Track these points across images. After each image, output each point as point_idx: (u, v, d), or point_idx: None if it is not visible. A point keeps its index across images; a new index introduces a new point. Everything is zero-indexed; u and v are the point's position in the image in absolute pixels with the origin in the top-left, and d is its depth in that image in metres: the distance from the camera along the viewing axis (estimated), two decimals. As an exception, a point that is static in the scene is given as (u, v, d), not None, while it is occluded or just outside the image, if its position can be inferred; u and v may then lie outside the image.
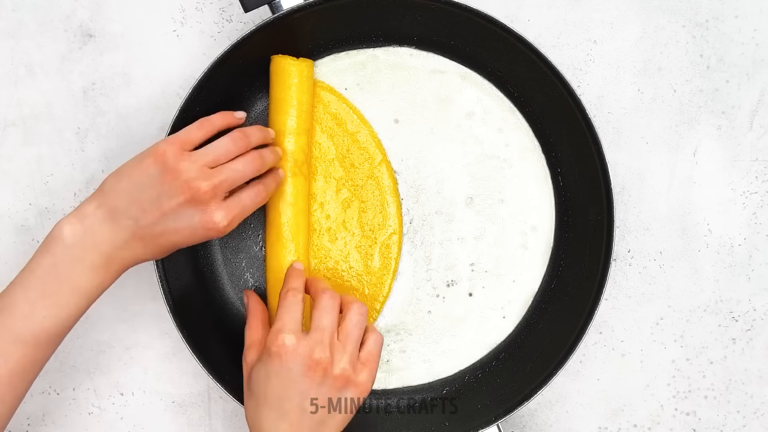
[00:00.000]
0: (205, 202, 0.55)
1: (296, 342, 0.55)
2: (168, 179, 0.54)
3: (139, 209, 0.54)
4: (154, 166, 0.54)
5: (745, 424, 0.70)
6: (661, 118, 0.69)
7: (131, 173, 0.55)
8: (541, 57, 0.62)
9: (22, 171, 0.68)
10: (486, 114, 0.67)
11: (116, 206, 0.54)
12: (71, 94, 0.68)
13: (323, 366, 0.55)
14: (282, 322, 0.56)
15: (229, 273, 0.67)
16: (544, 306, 0.67)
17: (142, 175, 0.54)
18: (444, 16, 0.63)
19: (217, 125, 0.59)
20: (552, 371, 0.62)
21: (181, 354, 0.68)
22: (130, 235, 0.54)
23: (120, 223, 0.54)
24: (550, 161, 0.67)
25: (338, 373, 0.55)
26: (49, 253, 0.54)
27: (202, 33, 0.69)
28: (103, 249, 0.54)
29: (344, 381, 0.55)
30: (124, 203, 0.54)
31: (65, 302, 0.54)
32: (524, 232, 0.67)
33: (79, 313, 0.55)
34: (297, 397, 0.54)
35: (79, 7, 0.68)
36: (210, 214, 0.55)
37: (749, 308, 0.70)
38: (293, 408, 0.54)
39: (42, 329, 0.53)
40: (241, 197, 0.57)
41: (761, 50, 0.69)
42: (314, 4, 0.62)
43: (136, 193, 0.54)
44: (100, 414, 0.68)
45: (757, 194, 0.70)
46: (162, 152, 0.55)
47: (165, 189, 0.54)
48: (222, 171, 0.56)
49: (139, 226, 0.54)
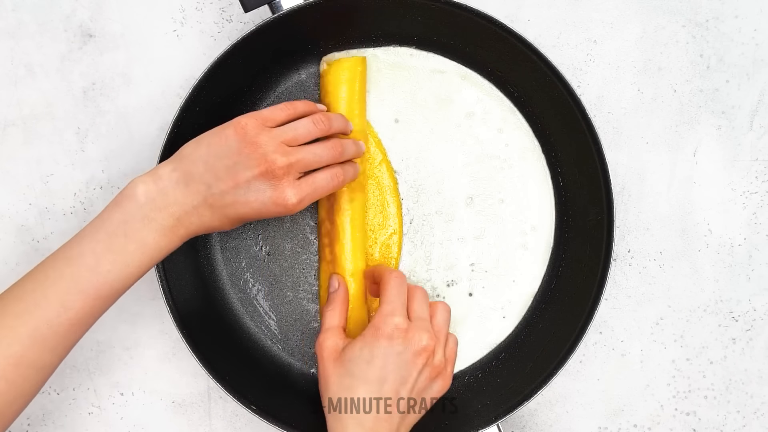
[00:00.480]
0: (279, 178, 0.55)
1: (407, 326, 0.57)
2: (246, 151, 0.55)
3: (213, 176, 0.55)
4: (233, 136, 0.55)
5: (745, 424, 0.70)
6: (661, 118, 0.69)
7: (210, 142, 0.55)
8: (541, 57, 0.62)
9: (22, 171, 0.68)
10: (486, 114, 0.67)
11: (191, 171, 0.55)
12: (71, 94, 0.68)
13: (428, 353, 0.57)
14: (393, 305, 0.58)
15: (229, 273, 0.67)
16: (544, 306, 0.67)
17: (221, 144, 0.55)
18: (444, 16, 0.63)
19: (300, 110, 0.59)
20: (552, 371, 0.62)
21: (181, 354, 0.68)
22: (201, 200, 0.55)
23: (193, 187, 0.55)
24: (550, 161, 0.67)
25: (436, 363, 0.58)
26: (120, 209, 0.54)
27: (202, 33, 0.69)
28: (173, 211, 0.55)
29: (438, 372, 0.58)
30: (200, 169, 0.55)
31: (130, 259, 0.54)
32: (524, 232, 0.67)
33: (141, 272, 0.55)
34: (397, 381, 0.56)
35: (79, 7, 0.68)
36: (282, 190, 0.55)
37: (749, 308, 0.70)
38: (391, 392, 0.56)
39: (105, 282, 0.53)
40: (316, 178, 0.58)
41: (761, 50, 0.69)
42: (314, 4, 0.62)
43: (213, 160, 0.55)
44: (100, 414, 0.68)
45: (757, 194, 0.70)
46: (243, 125, 0.55)
47: (241, 160, 0.55)
48: (300, 150, 0.57)
49: (210, 193, 0.55)
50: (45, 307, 0.52)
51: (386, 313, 0.57)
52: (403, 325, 0.57)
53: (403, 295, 0.59)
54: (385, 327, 0.57)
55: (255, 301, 0.67)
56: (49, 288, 0.53)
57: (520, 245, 0.67)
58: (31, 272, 0.54)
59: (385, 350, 0.56)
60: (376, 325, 0.57)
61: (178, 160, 0.56)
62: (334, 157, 0.59)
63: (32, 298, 0.53)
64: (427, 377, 0.57)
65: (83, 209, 0.68)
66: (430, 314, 0.59)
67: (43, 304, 0.52)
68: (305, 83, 0.67)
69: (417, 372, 0.56)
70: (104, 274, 0.53)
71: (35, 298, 0.53)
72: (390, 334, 0.56)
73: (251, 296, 0.67)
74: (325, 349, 0.59)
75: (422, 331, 0.57)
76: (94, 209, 0.68)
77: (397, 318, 0.57)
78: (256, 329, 0.67)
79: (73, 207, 0.68)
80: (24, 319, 0.52)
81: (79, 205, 0.68)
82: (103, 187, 0.68)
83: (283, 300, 0.67)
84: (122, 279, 0.54)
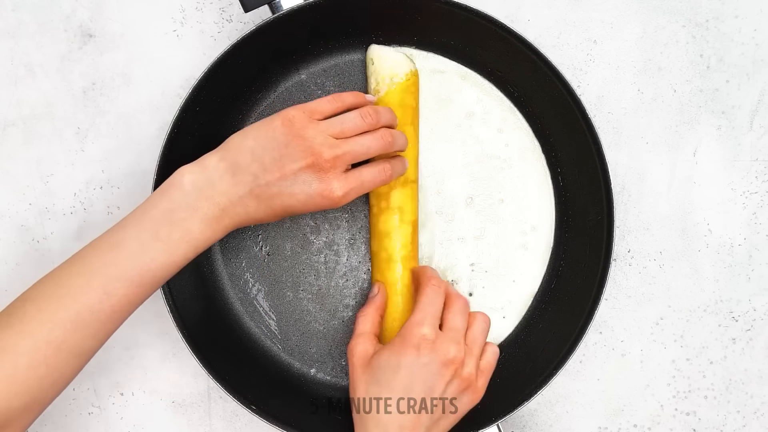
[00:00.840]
0: (326, 170, 0.55)
1: (435, 336, 0.57)
2: (293, 143, 0.55)
3: (260, 167, 0.55)
4: (281, 128, 0.55)
5: (745, 424, 0.70)
6: (661, 118, 0.69)
7: (257, 134, 0.55)
8: (541, 57, 0.62)
9: (22, 171, 0.68)
10: (486, 114, 0.67)
11: (238, 162, 0.55)
12: (71, 94, 0.68)
13: (456, 365, 0.56)
14: (423, 314, 0.58)
15: (229, 273, 0.67)
16: (544, 306, 0.67)
17: (268, 136, 0.55)
18: (444, 16, 0.63)
19: (347, 102, 0.59)
20: (552, 371, 0.62)
21: (181, 354, 0.68)
22: (247, 191, 0.55)
23: (239, 177, 0.55)
24: (550, 161, 0.67)
25: (465, 375, 0.57)
26: (166, 197, 0.54)
27: (202, 33, 0.69)
28: (219, 201, 0.55)
29: (467, 384, 0.57)
30: (247, 160, 0.55)
31: (175, 248, 0.54)
32: (524, 232, 0.67)
33: (184, 261, 0.55)
34: (424, 392, 0.56)
35: (79, 7, 0.68)
36: (328, 182, 0.55)
37: (749, 308, 0.70)
38: (417, 402, 0.56)
39: (149, 270, 0.53)
40: (362, 172, 0.58)
41: (761, 50, 0.69)
42: (314, 4, 0.62)
43: (260, 152, 0.55)
44: (100, 414, 0.68)
45: (757, 194, 0.70)
46: (291, 117, 0.55)
47: (288, 152, 0.55)
48: (347, 142, 0.56)
49: (257, 184, 0.55)
50: (88, 293, 0.52)
51: (415, 322, 0.57)
52: (430, 335, 0.57)
53: (436, 304, 0.59)
54: (411, 337, 0.57)
55: (255, 301, 0.67)
56: (92, 274, 0.53)
57: (520, 245, 0.67)
58: (74, 258, 0.54)
59: (411, 360, 0.56)
60: (403, 334, 0.57)
61: (224, 150, 0.56)
62: (384, 147, 0.58)
63: (75, 283, 0.52)
64: (456, 389, 0.57)
65: (83, 209, 0.68)
66: (468, 325, 0.59)
67: (86, 290, 0.52)
68: (305, 83, 0.67)
69: (444, 383, 0.56)
70: (148, 262, 0.53)
71: (78, 283, 0.52)
72: (417, 344, 0.56)
73: (251, 296, 0.67)
74: (354, 355, 0.59)
75: (451, 342, 0.57)
76: (94, 209, 0.68)
77: (425, 328, 0.57)
78: (256, 329, 0.67)
79: (73, 207, 0.68)
80: (66, 305, 0.52)
81: (79, 205, 0.68)
82: (103, 187, 0.68)
83: (283, 300, 0.67)
84: (165, 267, 0.54)
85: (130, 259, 0.53)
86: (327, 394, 0.67)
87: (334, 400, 0.66)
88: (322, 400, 0.66)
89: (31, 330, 0.51)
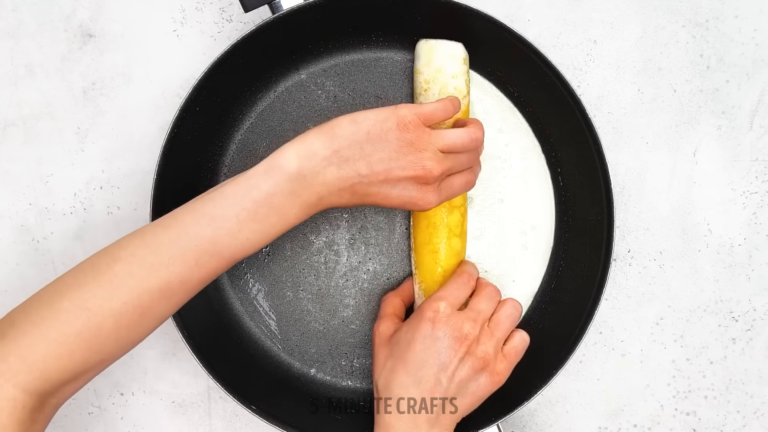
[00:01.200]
0: (429, 183, 0.56)
1: (451, 312, 0.58)
2: (404, 150, 0.54)
3: (366, 165, 0.54)
4: (396, 131, 0.54)
5: (745, 424, 0.70)
6: (661, 118, 0.69)
7: (370, 129, 0.54)
8: (541, 57, 0.62)
9: (22, 171, 0.68)
10: (486, 114, 0.67)
11: (345, 155, 0.54)
12: (71, 94, 0.68)
13: (469, 342, 0.57)
14: (447, 291, 0.59)
15: (229, 273, 0.67)
16: (544, 306, 0.67)
17: (380, 137, 0.54)
18: (444, 15, 0.63)
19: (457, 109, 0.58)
20: (552, 371, 0.62)
21: (181, 354, 0.68)
22: (348, 185, 0.55)
23: (344, 171, 0.54)
24: (550, 161, 0.67)
25: (480, 355, 0.57)
26: (270, 179, 0.53)
27: (202, 33, 0.69)
28: (319, 190, 0.54)
29: (483, 364, 0.57)
30: (355, 155, 0.54)
31: (269, 230, 0.54)
32: (524, 231, 0.67)
33: (270, 241, 0.55)
34: (436, 366, 0.56)
35: (79, 7, 0.68)
36: (426, 193, 0.56)
37: (749, 308, 0.70)
38: (429, 377, 0.56)
39: (242, 249, 0.53)
40: (454, 184, 0.58)
41: (761, 50, 0.69)
42: (314, 4, 0.62)
43: (369, 150, 0.54)
44: (100, 414, 0.68)
45: (757, 194, 0.70)
46: (407, 122, 0.55)
47: (398, 157, 0.54)
48: (453, 159, 0.57)
49: (359, 181, 0.54)
50: (180, 264, 0.52)
51: (435, 298, 0.59)
52: (445, 309, 0.57)
53: (463, 288, 0.60)
54: (428, 311, 0.58)
55: (255, 301, 0.67)
56: (187, 245, 0.52)
57: (520, 245, 0.67)
58: (169, 220, 0.54)
59: (425, 334, 0.57)
60: (421, 308, 0.59)
61: (331, 137, 0.54)
62: (472, 164, 0.59)
63: (168, 252, 0.52)
64: (471, 368, 0.57)
65: (83, 209, 0.68)
66: (495, 310, 0.60)
67: (180, 260, 0.52)
68: (305, 83, 0.67)
69: (458, 359, 0.57)
70: (243, 242, 0.53)
71: (172, 252, 0.52)
72: (432, 317, 0.57)
73: (251, 296, 0.67)
74: (377, 335, 0.61)
75: (467, 320, 0.57)
76: (94, 209, 0.68)
77: (443, 303, 0.58)
78: (256, 329, 0.67)
79: (73, 207, 0.68)
80: (158, 273, 0.52)
81: (79, 205, 0.68)
82: (103, 187, 0.68)
83: (283, 300, 0.67)
84: (255, 246, 0.54)
85: (227, 237, 0.53)
86: (327, 394, 0.67)
87: (334, 400, 0.66)
88: (322, 400, 0.66)
89: (121, 295, 0.51)
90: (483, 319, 0.59)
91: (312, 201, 0.54)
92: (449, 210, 0.63)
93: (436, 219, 0.63)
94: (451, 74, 0.63)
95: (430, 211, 0.63)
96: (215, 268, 0.54)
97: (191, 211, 0.53)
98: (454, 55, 0.63)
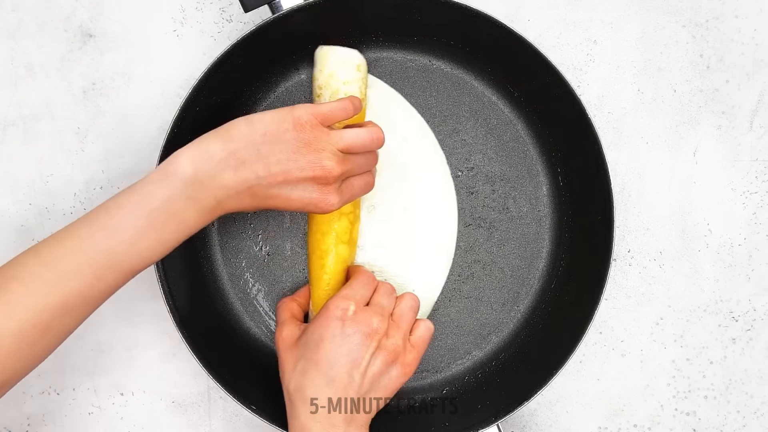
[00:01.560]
0: (328, 184, 0.55)
1: (357, 309, 0.57)
2: (302, 150, 0.54)
3: (264, 167, 0.54)
4: (293, 132, 0.54)
5: (745, 424, 0.70)
6: (661, 118, 0.69)
7: (266, 130, 0.54)
8: (541, 57, 0.62)
9: (22, 171, 0.68)
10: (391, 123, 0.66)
11: (242, 157, 0.53)
12: (71, 94, 0.68)
13: (379, 336, 0.57)
14: (352, 290, 0.59)
15: (229, 273, 0.67)
16: (544, 306, 0.67)
17: (278, 138, 0.54)
18: (444, 16, 0.63)
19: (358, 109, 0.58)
20: (552, 371, 0.62)
21: (181, 354, 0.68)
22: (247, 188, 0.54)
23: (242, 174, 0.53)
24: (550, 161, 0.67)
25: (391, 348, 0.57)
26: (165, 185, 0.52)
27: (202, 33, 0.69)
28: (217, 194, 0.53)
29: (394, 356, 0.57)
30: (252, 157, 0.53)
31: (169, 237, 0.53)
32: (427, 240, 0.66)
33: (171, 249, 0.54)
34: (348, 364, 0.56)
35: (79, 7, 0.68)
36: (327, 194, 0.55)
37: (749, 308, 0.70)
38: (342, 375, 0.55)
39: (142, 259, 0.53)
40: (354, 185, 0.58)
41: (761, 50, 0.69)
42: (314, 4, 0.62)
43: (267, 151, 0.53)
44: (100, 414, 0.68)
45: (757, 194, 0.70)
46: (303, 122, 0.54)
47: (296, 158, 0.54)
48: (352, 160, 0.56)
49: (258, 183, 0.54)
50: (80, 279, 0.51)
51: (340, 296, 0.58)
52: (353, 307, 0.57)
53: (367, 286, 0.60)
54: (335, 310, 0.57)
55: (255, 301, 0.67)
56: (84, 258, 0.51)
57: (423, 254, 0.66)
58: (62, 235, 0.52)
59: (334, 331, 0.56)
60: (327, 306, 0.58)
61: (228, 139, 0.53)
62: (371, 166, 0.59)
63: (66, 267, 0.51)
64: (382, 361, 0.57)
65: (83, 209, 0.68)
66: (396, 304, 0.60)
67: (78, 275, 0.51)
68: (305, 83, 0.67)
69: (369, 354, 0.56)
70: (142, 251, 0.52)
71: (70, 268, 0.51)
72: (340, 316, 0.57)
73: (251, 296, 0.67)
74: (281, 340, 0.60)
75: (373, 314, 0.57)
76: (94, 209, 0.68)
77: (349, 301, 0.58)
78: (256, 329, 0.67)
79: (73, 207, 0.68)
80: (58, 289, 0.51)
81: (79, 205, 0.68)
82: (103, 187, 0.68)
83: (283, 300, 0.67)
84: (156, 255, 0.53)
85: (125, 247, 0.52)
86: (327, 394, 0.67)
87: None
88: (322, 400, 0.66)
89: (20, 314, 0.50)
90: (388, 313, 0.59)
91: (211, 205, 0.54)
92: (337, 217, 0.63)
93: (324, 226, 0.63)
94: (343, 80, 0.62)
95: (318, 218, 0.63)
96: (116, 280, 0.53)
97: (87, 224, 0.53)
98: (348, 61, 0.62)
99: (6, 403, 0.68)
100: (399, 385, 0.58)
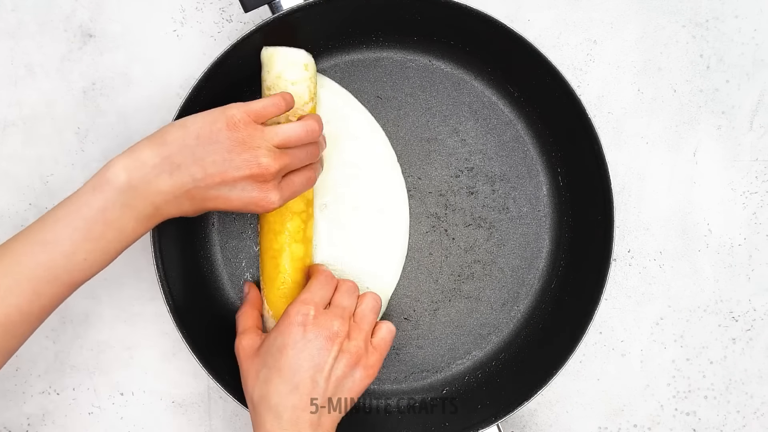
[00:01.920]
0: (267, 181, 0.55)
1: (317, 313, 0.57)
2: (237, 149, 0.53)
3: (200, 169, 0.53)
4: (226, 132, 0.53)
5: (745, 424, 0.70)
6: (661, 118, 0.69)
7: (199, 132, 0.53)
8: (541, 57, 0.62)
9: (22, 171, 0.68)
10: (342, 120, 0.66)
11: (176, 161, 0.53)
12: (71, 94, 0.68)
13: (340, 339, 0.56)
14: (311, 293, 0.58)
15: (229, 273, 0.67)
16: (544, 306, 0.67)
17: (211, 138, 0.53)
18: (444, 16, 0.63)
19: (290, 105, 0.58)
20: (552, 371, 0.62)
21: (181, 354, 0.68)
22: (184, 192, 0.54)
23: (177, 178, 0.53)
24: (551, 161, 0.67)
25: (353, 350, 0.57)
26: (99, 194, 0.52)
27: (202, 33, 0.69)
28: (154, 200, 0.53)
29: (357, 359, 0.57)
30: (186, 160, 0.53)
31: (107, 247, 0.53)
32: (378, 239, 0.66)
33: (113, 258, 0.54)
34: (311, 369, 0.55)
35: (79, 7, 0.68)
36: (267, 192, 0.55)
37: (749, 308, 0.70)
38: (306, 380, 0.55)
39: (81, 270, 0.52)
40: (294, 181, 0.58)
41: (761, 50, 0.69)
42: (314, 4, 0.62)
43: (201, 153, 0.53)
44: (100, 414, 0.68)
45: (757, 194, 0.70)
46: (236, 121, 0.54)
47: (231, 158, 0.53)
48: (289, 155, 0.56)
49: (195, 186, 0.54)
50: (18, 295, 0.51)
51: (300, 301, 0.58)
52: (313, 312, 0.57)
53: (326, 287, 0.59)
54: (296, 315, 0.57)
55: (255, 301, 0.67)
56: (21, 274, 0.51)
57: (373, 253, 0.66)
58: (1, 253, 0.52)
59: (295, 337, 0.56)
60: (288, 312, 0.57)
61: (161, 144, 0.53)
62: (312, 158, 0.59)
63: (4, 284, 0.51)
64: (345, 365, 0.56)
65: (83, 209, 0.68)
66: (357, 304, 0.59)
67: (17, 291, 0.51)
68: (305, 83, 0.67)
69: (332, 359, 0.56)
70: (80, 263, 0.52)
71: (7, 284, 0.51)
72: (301, 321, 0.56)
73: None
74: (242, 349, 0.59)
75: (335, 318, 0.57)
76: (94, 209, 0.68)
77: (309, 306, 0.57)
78: (256, 329, 0.67)
79: (73, 207, 0.68)
80: None
81: (79, 205, 0.68)
82: (103, 187, 0.68)
83: (283, 300, 0.67)
84: (97, 266, 0.53)
85: (62, 260, 0.52)
86: (327, 394, 0.67)
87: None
88: (322, 400, 0.66)
89: None
90: (349, 314, 0.58)
91: (148, 212, 0.53)
92: (290, 216, 0.62)
93: (276, 225, 0.62)
94: (290, 81, 0.61)
95: (270, 218, 0.62)
96: (57, 295, 0.53)
97: (22, 240, 0.52)
98: (295, 61, 0.62)
99: (6, 403, 0.68)
100: (363, 388, 0.58)
